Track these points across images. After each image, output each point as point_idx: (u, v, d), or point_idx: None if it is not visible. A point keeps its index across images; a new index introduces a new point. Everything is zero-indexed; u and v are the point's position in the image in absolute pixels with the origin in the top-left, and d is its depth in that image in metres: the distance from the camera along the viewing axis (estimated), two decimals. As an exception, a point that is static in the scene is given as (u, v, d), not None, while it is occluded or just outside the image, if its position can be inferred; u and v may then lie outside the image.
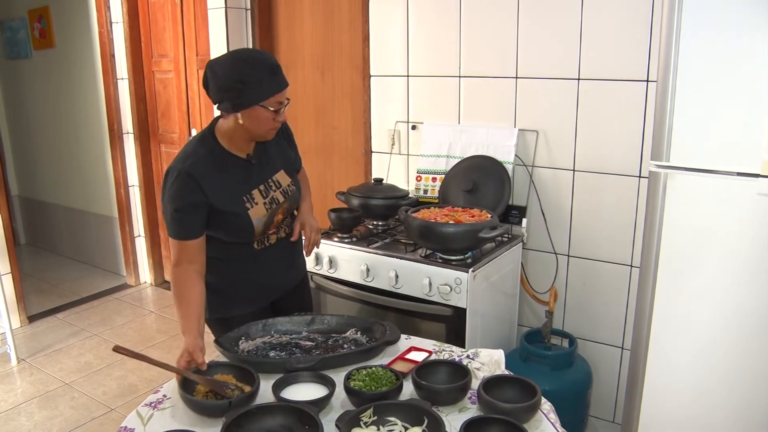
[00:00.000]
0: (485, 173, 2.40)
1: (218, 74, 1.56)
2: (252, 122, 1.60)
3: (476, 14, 2.46)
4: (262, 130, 1.63)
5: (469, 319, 2.04)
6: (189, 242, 1.61)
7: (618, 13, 2.14)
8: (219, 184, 1.61)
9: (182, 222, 1.60)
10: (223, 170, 1.64)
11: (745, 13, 1.51)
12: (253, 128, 1.61)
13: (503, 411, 1.27)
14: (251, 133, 1.64)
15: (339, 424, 1.25)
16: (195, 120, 3.80)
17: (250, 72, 1.54)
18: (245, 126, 1.60)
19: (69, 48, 4.30)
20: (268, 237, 1.77)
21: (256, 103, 1.56)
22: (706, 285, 1.68)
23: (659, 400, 1.81)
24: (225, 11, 3.16)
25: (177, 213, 1.58)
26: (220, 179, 1.62)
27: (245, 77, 1.53)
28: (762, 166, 1.54)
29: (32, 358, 3.29)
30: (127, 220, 4.24)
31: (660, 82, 1.65)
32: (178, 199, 1.58)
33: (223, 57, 1.61)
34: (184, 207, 1.58)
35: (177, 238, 1.61)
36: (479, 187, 2.38)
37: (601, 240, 2.35)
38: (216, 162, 1.63)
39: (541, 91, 2.36)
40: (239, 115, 1.58)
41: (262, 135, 1.65)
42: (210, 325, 1.81)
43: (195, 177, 1.57)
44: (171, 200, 1.58)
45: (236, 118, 1.60)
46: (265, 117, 1.59)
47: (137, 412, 1.39)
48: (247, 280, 1.77)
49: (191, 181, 1.57)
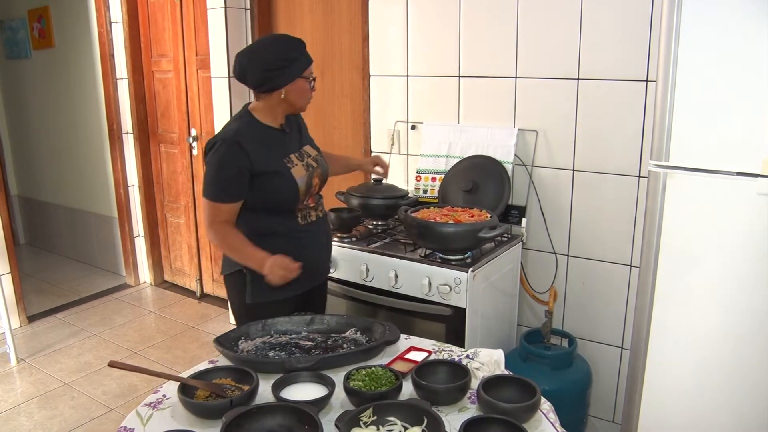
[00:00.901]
0: (485, 173, 2.40)
1: (260, 60, 1.77)
2: (295, 94, 1.82)
3: (476, 14, 2.46)
4: (303, 100, 1.86)
5: (469, 319, 2.04)
6: (225, 205, 1.78)
7: (618, 13, 2.14)
8: (261, 150, 1.79)
9: (225, 186, 1.77)
10: (263, 139, 1.83)
11: (745, 12, 1.51)
12: (295, 100, 1.84)
13: (503, 411, 1.27)
14: (293, 105, 1.86)
15: (338, 424, 1.25)
16: (194, 120, 3.80)
17: (291, 49, 1.80)
18: (288, 99, 1.82)
19: (69, 48, 4.31)
20: (309, 212, 1.92)
21: (300, 75, 1.80)
22: (705, 285, 1.68)
23: (659, 400, 1.81)
24: (224, 11, 3.16)
25: (221, 177, 1.76)
26: (261, 146, 1.80)
27: (289, 53, 1.78)
28: (762, 166, 1.54)
29: (32, 358, 3.29)
30: (126, 220, 4.24)
31: (660, 82, 1.65)
32: (224, 164, 1.75)
33: (258, 46, 1.84)
34: (229, 171, 1.76)
35: (216, 200, 1.78)
36: (479, 187, 2.38)
37: (600, 240, 2.35)
38: (256, 132, 1.82)
39: (541, 91, 2.36)
40: (283, 90, 1.80)
41: (302, 106, 1.88)
42: (247, 311, 1.89)
43: (240, 144, 1.75)
44: (216, 165, 1.76)
45: (279, 94, 1.81)
46: (305, 88, 1.84)
47: (137, 412, 1.39)
48: (295, 256, 1.82)
49: (237, 147, 1.75)
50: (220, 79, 3.29)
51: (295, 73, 1.79)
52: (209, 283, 4.05)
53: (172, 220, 4.16)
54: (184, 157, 3.94)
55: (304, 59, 1.82)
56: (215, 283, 4.01)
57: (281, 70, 1.77)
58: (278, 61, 1.76)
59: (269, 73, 1.77)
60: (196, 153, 3.85)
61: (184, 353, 3.33)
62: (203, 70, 3.61)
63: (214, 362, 1.59)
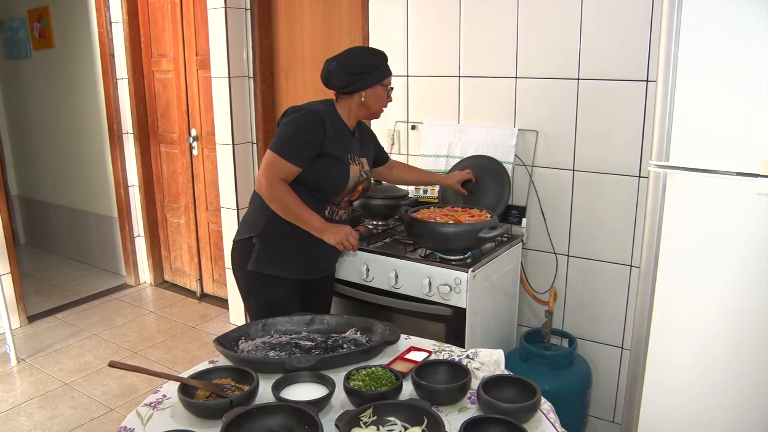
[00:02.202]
0: (485, 173, 2.40)
1: (349, 63, 1.95)
2: (373, 99, 1.99)
3: (476, 14, 2.46)
4: (378, 107, 2.02)
5: (469, 319, 2.04)
6: (290, 165, 1.87)
7: (618, 13, 2.14)
8: (334, 135, 1.94)
9: (298, 147, 1.87)
10: (337, 129, 1.97)
11: (745, 12, 1.51)
12: (372, 104, 2.00)
13: (503, 411, 1.27)
14: (369, 109, 2.01)
15: (338, 424, 1.25)
16: (195, 120, 3.80)
17: (374, 59, 1.98)
18: (366, 103, 1.99)
19: (69, 48, 4.31)
20: (337, 210, 2.04)
21: (379, 83, 1.97)
22: (706, 285, 1.68)
23: (659, 400, 1.81)
24: (225, 11, 3.16)
25: (297, 139, 1.87)
26: (335, 133, 1.95)
27: (372, 62, 1.97)
28: (762, 166, 1.54)
29: (32, 358, 3.29)
30: (126, 220, 4.24)
31: (660, 82, 1.65)
32: (304, 129, 1.88)
33: (348, 52, 2.00)
34: (306, 136, 1.88)
35: (285, 156, 1.86)
36: (479, 187, 2.38)
37: (601, 240, 2.35)
38: (335, 120, 1.98)
39: (541, 91, 2.36)
40: (363, 93, 1.97)
41: (377, 112, 2.04)
42: (246, 280, 2.02)
43: (323, 119, 1.91)
44: (296, 127, 1.88)
45: (359, 97, 1.98)
46: (382, 95, 2.00)
47: (137, 412, 1.39)
48: (306, 243, 1.97)
49: (320, 120, 1.89)
50: (221, 79, 3.29)
51: (376, 80, 1.96)
52: (209, 283, 4.05)
53: (172, 220, 4.16)
54: (184, 157, 3.94)
55: (385, 69, 2.00)
56: (215, 283, 4.01)
57: (363, 75, 1.94)
58: (361, 67, 1.94)
59: (353, 77, 1.94)
60: (196, 153, 3.85)
61: (184, 353, 3.33)
62: (203, 70, 3.61)
63: (214, 362, 1.59)
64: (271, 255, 1.97)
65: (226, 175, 3.42)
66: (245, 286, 2.04)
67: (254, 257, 1.97)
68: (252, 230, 1.99)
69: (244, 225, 2.05)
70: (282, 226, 1.94)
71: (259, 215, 1.99)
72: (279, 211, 1.92)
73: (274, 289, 1.99)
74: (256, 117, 3.37)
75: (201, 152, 3.82)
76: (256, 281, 1.99)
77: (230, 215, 3.45)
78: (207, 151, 3.77)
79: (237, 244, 2.04)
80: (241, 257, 2.01)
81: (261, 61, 3.27)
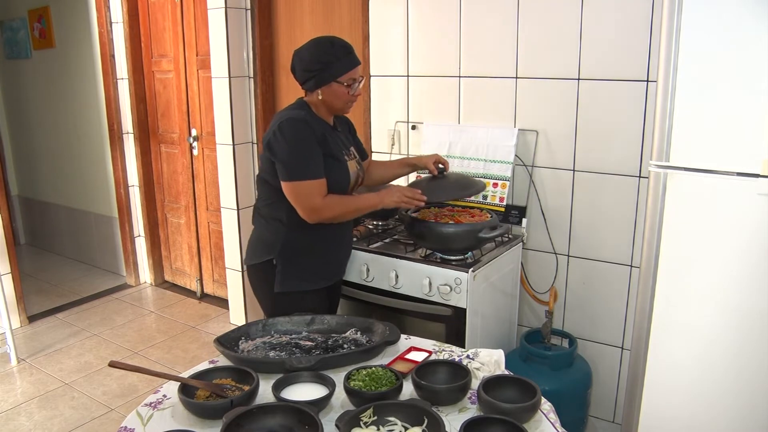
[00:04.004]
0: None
1: (303, 59, 1.85)
2: (330, 97, 1.87)
3: (476, 14, 2.46)
4: (340, 103, 1.90)
5: (469, 319, 2.04)
6: (317, 182, 1.81)
7: (618, 13, 2.14)
8: (322, 135, 1.86)
9: (309, 161, 1.80)
10: (321, 128, 1.89)
11: (745, 13, 1.51)
12: (331, 102, 1.89)
13: (503, 411, 1.27)
14: (331, 107, 1.91)
15: (339, 424, 1.25)
16: (195, 120, 3.80)
17: (327, 54, 1.83)
18: (325, 100, 1.88)
19: (69, 48, 4.31)
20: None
21: (334, 80, 1.84)
22: (706, 285, 1.68)
23: (659, 400, 1.81)
24: (225, 11, 3.16)
25: (303, 154, 1.80)
26: (321, 132, 1.87)
27: (324, 58, 1.82)
28: (762, 166, 1.54)
29: (32, 358, 3.29)
30: (127, 220, 4.24)
31: (660, 82, 1.65)
32: (302, 140, 1.80)
33: (306, 44, 1.88)
34: (307, 147, 1.81)
35: (310, 177, 1.80)
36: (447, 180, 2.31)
37: (601, 240, 2.35)
38: (314, 120, 1.89)
39: (541, 91, 2.36)
40: (319, 91, 1.86)
41: (340, 108, 1.92)
42: (276, 301, 1.95)
43: (308, 123, 1.83)
44: (296, 143, 1.80)
45: (317, 95, 1.88)
46: (341, 92, 1.86)
47: (137, 412, 1.39)
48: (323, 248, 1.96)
49: (303, 124, 1.81)
50: (221, 79, 3.29)
51: (331, 77, 1.84)
52: (209, 283, 4.05)
53: (173, 220, 4.16)
54: (184, 157, 3.94)
55: (342, 64, 1.84)
56: (215, 283, 4.01)
57: (318, 72, 1.83)
58: (314, 64, 1.83)
59: (308, 74, 1.86)
60: (196, 153, 3.85)
61: (185, 353, 3.33)
62: (203, 70, 3.61)
63: (214, 362, 1.59)
64: (296, 271, 1.93)
65: (226, 175, 3.42)
66: (271, 307, 1.98)
67: (279, 279, 1.92)
68: (269, 252, 1.93)
69: (257, 248, 1.97)
70: (299, 240, 1.91)
71: (272, 236, 1.93)
72: (343, 219, 1.92)
73: (303, 304, 1.92)
74: (257, 117, 3.37)
75: (201, 152, 3.82)
76: (283, 301, 1.93)
77: (230, 215, 3.45)
78: (207, 151, 3.77)
79: (253, 268, 1.99)
80: (263, 280, 1.96)
81: (261, 61, 3.27)
